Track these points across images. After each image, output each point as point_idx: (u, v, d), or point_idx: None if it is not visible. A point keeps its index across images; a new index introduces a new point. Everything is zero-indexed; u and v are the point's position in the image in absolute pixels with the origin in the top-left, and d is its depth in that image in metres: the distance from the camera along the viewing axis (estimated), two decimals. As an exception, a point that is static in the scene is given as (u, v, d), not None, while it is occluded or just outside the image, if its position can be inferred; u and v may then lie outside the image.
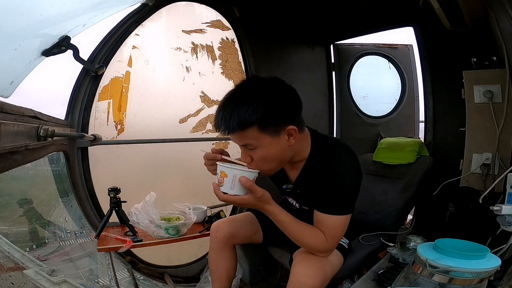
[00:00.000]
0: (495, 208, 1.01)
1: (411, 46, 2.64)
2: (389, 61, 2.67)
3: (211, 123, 1.97)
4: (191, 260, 1.96)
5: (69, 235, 1.90)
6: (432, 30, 1.96)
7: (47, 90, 1.67)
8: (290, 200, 1.14)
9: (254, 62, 2.14)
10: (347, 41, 2.65)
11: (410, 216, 1.94)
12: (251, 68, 2.13)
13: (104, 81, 1.62)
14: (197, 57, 1.92)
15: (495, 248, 1.04)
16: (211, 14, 1.97)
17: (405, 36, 2.63)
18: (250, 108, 0.80)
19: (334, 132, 2.71)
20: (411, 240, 1.18)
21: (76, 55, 1.45)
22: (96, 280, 1.67)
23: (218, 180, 0.84)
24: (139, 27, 1.68)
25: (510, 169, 1.13)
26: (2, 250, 1.48)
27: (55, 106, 1.57)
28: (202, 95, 1.95)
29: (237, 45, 2.09)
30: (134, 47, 1.69)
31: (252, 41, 2.13)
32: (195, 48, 1.91)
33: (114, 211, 1.45)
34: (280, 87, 0.89)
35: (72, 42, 1.38)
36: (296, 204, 1.12)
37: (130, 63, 1.69)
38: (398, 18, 2.18)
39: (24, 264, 1.45)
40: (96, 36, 1.57)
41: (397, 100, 2.68)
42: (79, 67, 1.52)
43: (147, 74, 1.76)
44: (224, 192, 0.84)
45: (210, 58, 1.98)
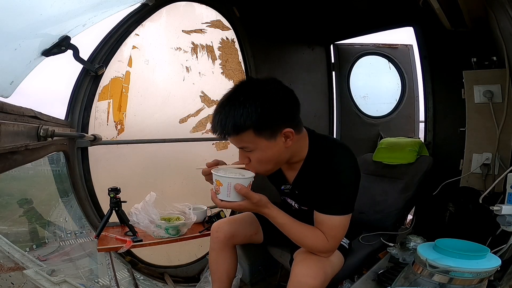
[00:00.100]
0: (495, 208, 1.01)
1: (411, 46, 2.64)
2: (389, 61, 2.67)
3: (211, 123, 1.97)
4: (191, 260, 1.96)
5: (69, 235, 1.90)
6: (432, 30, 1.96)
7: (47, 90, 1.67)
8: (289, 201, 1.14)
9: (254, 62, 2.15)
10: (347, 41, 2.65)
11: (410, 216, 1.94)
12: (251, 68, 2.13)
13: (104, 81, 1.62)
14: (197, 57, 1.92)
15: (495, 248, 1.04)
16: (211, 14, 1.97)
17: (405, 36, 2.64)
18: (246, 112, 0.80)
19: (334, 132, 2.71)
20: (411, 240, 1.18)
21: (76, 55, 1.45)
22: (96, 280, 1.67)
23: (215, 188, 0.86)
24: (139, 27, 1.68)
25: (510, 169, 1.13)
26: (2, 250, 1.48)
27: (55, 106, 1.57)
28: (202, 95, 1.95)
29: (237, 45, 2.09)
30: (134, 47, 1.69)
31: (252, 41, 2.13)
32: (195, 48, 1.91)
33: (114, 211, 1.45)
34: (277, 89, 0.88)
35: (72, 42, 1.38)
36: (295, 205, 1.12)
37: (130, 63, 1.69)
38: (398, 18, 2.18)
39: (24, 264, 1.45)
40: (96, 36, 1.57)
41: (397, 100, 2.68)
42: (79, 67, 1.52)
43: (147, 74, 1.76)
44: (221, 199, 0.86)
45: (210, 58, 1.98)
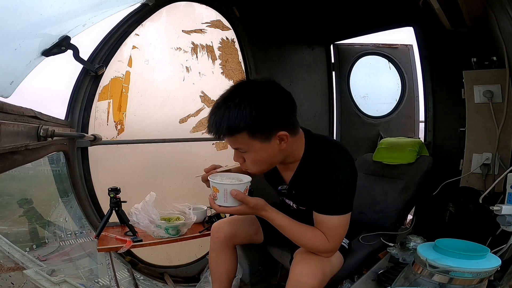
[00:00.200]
0: (495, 208, 1.01)
1: (411, 46, 2.64)
2: (389, 61, 2.67)
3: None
4: (191, 260, 1.96)
5: (69, 235, 1.90)
6: (432, 30, 1.95)
7: (47, 90, 1.67)
8: (287, 201, 1.14)
9: (254, 62, 2.15)
10: (347, 41, 2.65)
11: (410, 216, 1.94)
12: (251, 68, 2.13)
13: (104, 81, 1.62)
14: (197, 57, 1.92)
15: (495, 248, 1.04)
16: (211, 14, 1.97)
17: (405, 36, 2.63)
18: (241, 115, 0.80)
19: (334, 132, 2.71)
20: (411, 240, 1.18)
21: (76, 55, 1.45)
22: (96, 280, 1.67)
23: (212, 194, 0.88)
24: (139, 27, 1.68)
25: (510, 169, 1.13)
26: (2, 250, 1.48)
27: (55, 106, 1.57)
28: (202, 95, 1.95)
29: (237, 45, 2.09)
30: (134, 47, 1.69)
31: (252, 41, 2.13)
32: (195, 48, 1.91)
33: (114, 211, 1.45)
34: (274, 91, 0.87)
35: (72, 42, 1.38)
36: (293, 205, 1.12)
37: (130, 63, 1.69)
38: (398, 18, 2.18)
39: (24, 264, 1.45)
40: (96, 36, 1.57)
41: (397, 100, 2.68)
42: (79, 67, 1.53)
43: (147, 74, 1.76)
44: (219, 205, 0.88)
45: (210, 58, 1.98)
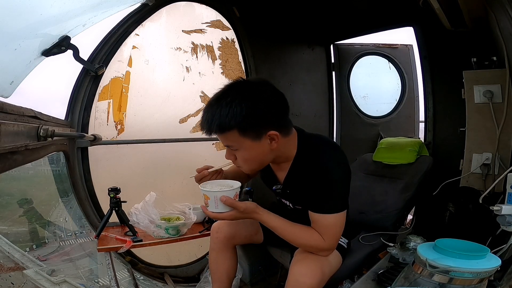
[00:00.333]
0: (495, 208, 1.01)
1: (411, 46, 2.64)
2: (389, 61, 2.67)
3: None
4: (191, 260, 1.96)
5: (69, 235, 1.90)
6: (432, 30, 1.95)
7: (47, 90, 1.67)
8: (284, 201, 1.15)
9: (254, 62, 2.15)
10: (347, 41, 2.64)
11: (410, 216, 1.94)
12: (251, 68, 2.13)
13: (104, 81, 1.62)
14: (197, 57, 1.92)
15: (495, 248, 1.04)
16: (211, 14, 1.97)
17: (405, 36, 2.64)
18: (231, 113, 0.82)
19: (334, 132, 2.71)
20: (411, 240, 1.18)
21: (76, 55, 1.45)
22: (96, 280, 1.67)
23: (204, 202, 0.91)
24: (139, 27, 1.68)
25: (510, 169, 1.13)
26: (2, 250, 1.48)
27: (55, 106, 1.57)
28: (202, 95, 1.95)
29: (237, 45, 2.09)
30: (134, 47, 1.69)
31: (252, 41, 2.13)
32: (195, 48, 1.91)
33: (114, 211, 1.45)
34: (266, 92, 0.88)
35: (72, 42, 1.38)
36: (290, 205, 1.13)
37: (130, 63, 1.69)
38: (398, 18, 2.18)
39: (24, 264, 1.44)
40: (96, 36, 1.57)
41: (397, 100, 2.68)
42: (79, 67, 1.52)
43: (147, 74, 1.76)
44: (211, 211, 0.91)
45: (210, 58, 1.98)
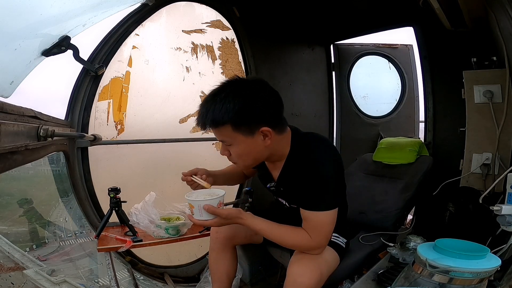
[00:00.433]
0: (495, 208, 1.01)
1: (411, 46, 2.64)
2: (389, 61, 2.67)
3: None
4: (191, 260, 1.96)
5: (69, 235, 1.90)
6: (432, 30, 1.95)
7: (47, 90, 1.67)
8: (281, 200, 1.16)
9: (254, 62, 2.14)
10: (347, 41, 2.65)
11: (410, 216, 1.94)
12: (251, 68, 2.13)
13: (104, 81, 1.62)
14: (197, 57, 1.92)
15: (495, 248, 1.04)
16: (211, 14, 1.97)
17: (405, 36, 2.64)
18: (224, 108, 0.85)
19: (334, 132, 2.71)
20: (411, 240, 1.18)
21: (76, 55, 1.45)
22: (96, 280, 1.67)
23: (190, 210, 0.97)
24: (139, 27, 1.68)
25: (510, 169, 1.13)
26: (2, 250, 1.49)
27: (55, 106, 1.57)
28: (202, 95, 1.95)
29: (237, 45, 2.09)
30: (134, 47, 1.69)
31: (252, 41, 2.13)
32: (195, 48, 1.91)
33: (114, 211, 1.45)
34: (259, 89, 0.91)
35: (72, 42, 1.38)
36: (286, 203, 1.13)
37: (130, 63, 1.69)
38: (398, 18, 2.18)
39: (24, 264, 1.45)
40: (96, 36, 1.57)
41: (397, 100, 2.68)
42: (79, 67, 1.52)
43: (147, 74, 1.76)
44: (197, 219, 0.96)
45: (210, 58, 1.98)
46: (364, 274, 1.16)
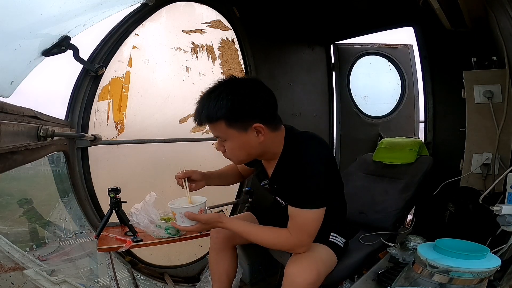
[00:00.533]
0: (495, 208, 1.01)
1: (411, 46, 2.64)
2: (389, 61, 2.67)
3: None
4: (191, 260, 1.96)
5: (69, 235, 1.90)
6: (432, 30, 1.96)
7: (47, 90, 1.67)
8: (278, 199, 1.17)
9: (254, 62, 2.14)
10: (347, 41, 2.65)
11: (410, 216, 1.94)
12: (251, 68, 2.13)
13: (104, 81, 1.62)
14: (197, 57, 1.92)
15: (495, 248, 1.04)
16: (211, 14, 1.97)
17: (405, 36, 2.64)
18: (218, 105, 0.89)
19: (334, 132, 2.71)
20: (411, 240, 1.18)
21: (76, 55, 1.45)
22: (96, 280, 1.67)
23: (174, 217, 1.05)
24: (139, 27, 1.68)
25: (510, 169, 1.13)
26: (2, 250, 1.48)
27: (55, 106, 1.57)
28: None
29: (237, 45, 2.09)
30: (134, 47, 1.69)
31: (252, 41, 2.13)
32: (195, 48, 1.91)
33: (114, 211, 1.45)
34: (253, 87, 0.94)
35: (72, 42, 1.38)
36: (282, 202, 1.14)
37: (130, 63, 1.69)
38: (398, 18, 2.18)
39: (24, 264, 1.45)
40: (96, 36, 1.57)
41: (397, 100, 2.68)
42: (79, 67, 1.52)
43: (147, 74, 1.76)
44: (180, 225, 1.03)
45: (210, 58, 1.98)
46: (364, 274, 1.16)
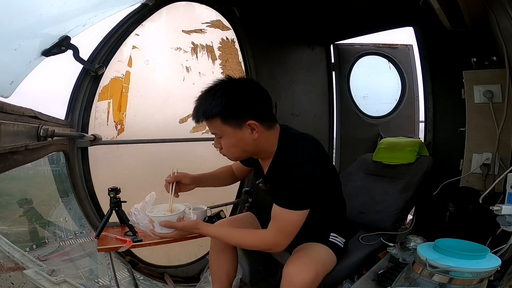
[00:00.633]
0: (495, 208, 1.01)
1: (411, 46, 2.64)
2: (389, 61, 2.67)
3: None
4: (191, 260, 1.96)
5: (69, 235, 1.90)
6: (432, 30, 1.96)
7: (47, 90, 1.67)
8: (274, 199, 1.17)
9: (254, 62, 2.14)
10: (347, 41, 2.65)
11: (410, 216, 1.94)
12: (251, 68, 2.13)
13: (104, 81, 1.61)
14: (197, 57, 1.92)
15: (495, 248, 1.04)
16: (211, 14, 1.97)
17: (405, 36, 2.64)
18: (214, 102, 0.93)
19: (334, 132, 2.71)
20: (411, 240, 1.18)
21: (76, 55, 1.44)
22: (96, 280, 1.67)
23: (152, 224, 1.11)
24: (139, 27, 1.68)
25: (510, 169, 1.13)
26: (2, 250, 1.48)
27: (55, 106, 1.57)
28: (202, 95, 1.95)
29: (237, 45, 2.09)
30: (134, 47, 1.69)
31: (252, 41, 2.13)
32: (195, 48, 1.91)
33: (114, 211, 1.45)
34: (247, 86, 0.98)
35: (72, 42, 1.38)
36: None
37: (130, 63, 1.69)
38: (398, 18, 2.18)
39: (24, 264, 1.45)
40: (96, 36, 1.57)
41: (397, 100, 2.69)
42: (79, 67, 1.52)
43: (147, 74, 1.76)
44: (158, 232, 1.10)
45: (210, 58, 1.98)
46: (364, 274, 1.16)
